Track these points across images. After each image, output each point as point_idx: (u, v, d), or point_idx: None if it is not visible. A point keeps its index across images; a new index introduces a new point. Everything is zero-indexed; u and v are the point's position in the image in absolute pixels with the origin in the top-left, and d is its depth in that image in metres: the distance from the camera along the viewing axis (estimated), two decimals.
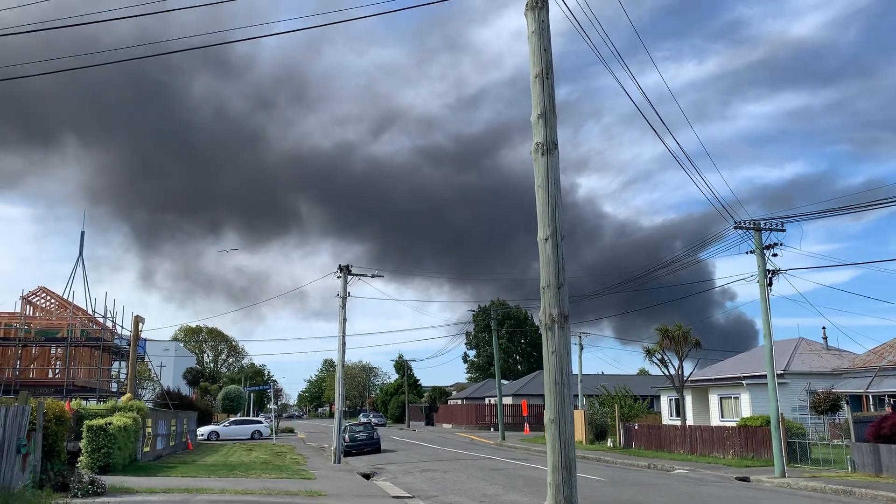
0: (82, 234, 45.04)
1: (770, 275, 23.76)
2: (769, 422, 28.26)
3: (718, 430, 30.04)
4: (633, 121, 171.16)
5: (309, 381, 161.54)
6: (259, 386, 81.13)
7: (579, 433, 42.08)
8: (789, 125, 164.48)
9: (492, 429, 63.54)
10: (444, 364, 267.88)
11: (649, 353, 34.82)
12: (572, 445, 7.92)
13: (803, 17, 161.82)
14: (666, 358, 34.80)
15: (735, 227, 23.70)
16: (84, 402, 27.93)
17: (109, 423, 21.09)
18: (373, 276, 32.08)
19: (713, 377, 42.29)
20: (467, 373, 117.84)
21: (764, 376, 39.45)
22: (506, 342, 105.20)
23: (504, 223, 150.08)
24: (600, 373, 70.04)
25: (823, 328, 52.55)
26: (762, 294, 23.63)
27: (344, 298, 31.13)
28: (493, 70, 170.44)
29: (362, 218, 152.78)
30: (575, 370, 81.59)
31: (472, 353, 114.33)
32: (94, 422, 21.05)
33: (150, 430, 27.72)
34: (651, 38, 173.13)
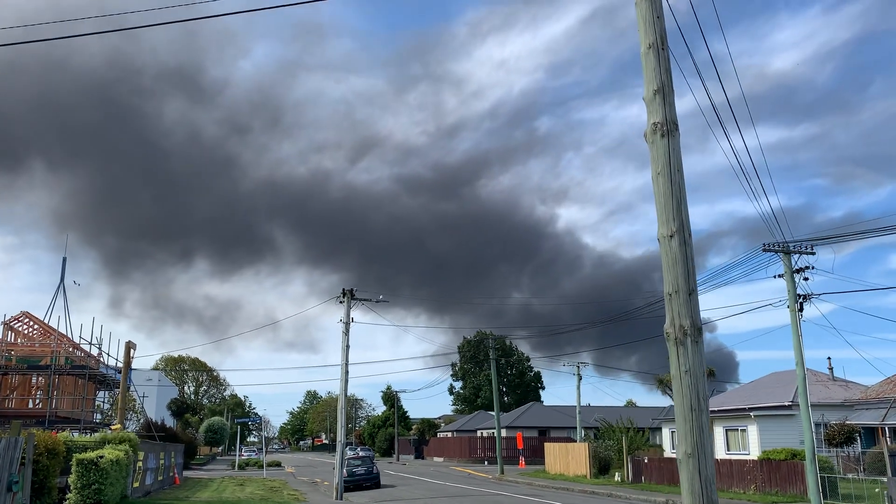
0: (64, 259, 43.53)
1: (801, 299, 22.52)
2: (794, 455, 26.86)
3: (738, 464, 28.55)
4: (615, 152, 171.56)
5: (291, 413, 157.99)
6: (246, 418, 78.34)
7: (582, 467, 40.42)
8: (768, 159, 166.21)
9: (485, 462, 61.56)
10: (429, 397, 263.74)
11: (661, 382, 33.38)
12: (713, 486, 6.39)
13: (781, 54, 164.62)
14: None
15: (764, 250, 22.54)
16: (72, 434, 25.82)
17: (101, 457, 19.13)
18: (377, 302, 30.51)
19: (717, 408, 40.94)
20: (453, 405, 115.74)
21: (773, 407, 38.35)
22: (491, 373, 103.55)
23: (484, 252, 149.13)
24: (587, 404, 68.44)
25: (829, 358, 51.47)
26: (793, 320, 22.37)
27: (347, 324, 29.49)
28: (473, 100, 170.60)
29: (338, 246, 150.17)
30: (572, 402, 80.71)
31: (458, 384, 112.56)
32: (85, 455, 19.09)
33: (140, 464, 25.64)
34: (631, 75, 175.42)
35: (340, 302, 30.43)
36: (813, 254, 22.78)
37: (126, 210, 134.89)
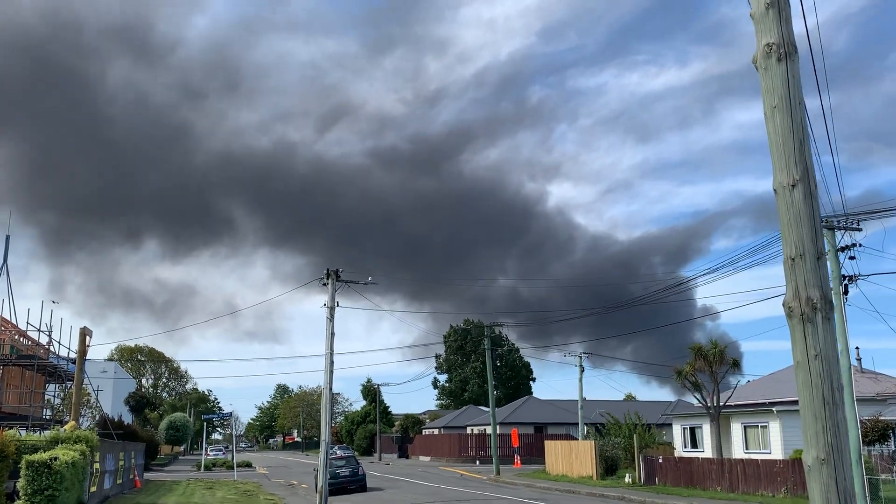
0: (7, 238, 41.68)
1: (846, 281, 21.81)
2: None
3: (766, 465, 28.00)
4: (614, 124, 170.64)
5: (260, 409, 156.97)
6: (212, 413, 77.20)
7: (588, 467, 39.89)
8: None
9: (477, 461, 61.09)
10: (412, 391, 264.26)
11: (680, 374, 32.88)
12: (853, 498, 5.48)
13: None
14: (699, 381, 32.87)
15: None
16: (21, 432, 24.64)
17: (55, 459, 18.03)
18: (366, 284, 29.50)
19: (735, 403, 40.56)
20: (438, 399, 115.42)
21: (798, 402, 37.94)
22: (479, 365, 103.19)
23: (467, 234, 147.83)
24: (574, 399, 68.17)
25: (857, 348, 51.21)
26: (837, 303, 21.62)
27: (332, 309, 28.47)
28: (457, 65, 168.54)
29: (305, 227, 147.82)
30: (565, 395, 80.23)
31: (442, 377, 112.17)
32: (36, 457, 17.98)
33: (97, 465, 24.55)
34: (632, 40, 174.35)
35: (324, 284, 29.40)
36: (860, 230, 22.05)
37: (65, 183, 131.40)
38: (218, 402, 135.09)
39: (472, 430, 69.95)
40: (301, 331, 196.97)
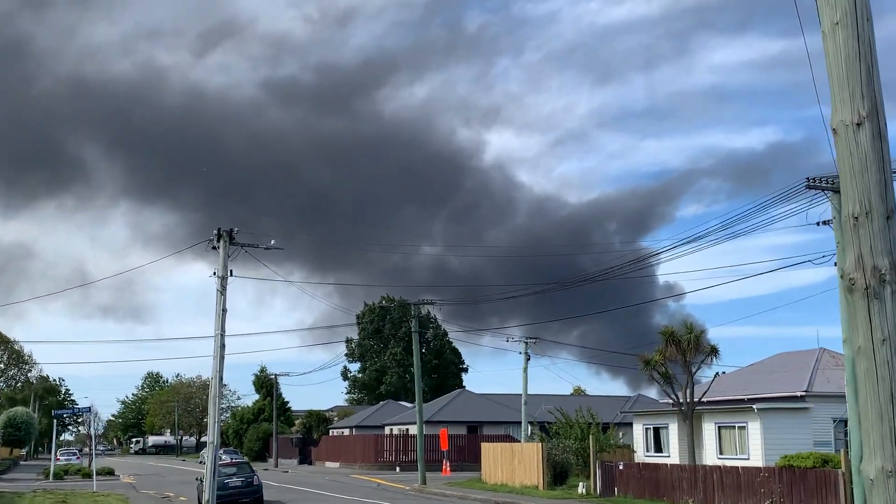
0: None
1: None
2: (826, 461, 27.21)
3: (748, 474, 28.79)
4: (568, 60, 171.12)
5: (124, 403, 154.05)
6: (66, 409, 75.02)
7: (533, 475, 40.43)
8: (757, 78, 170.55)
9: (397, 468, 61.37)
10: (317, 383, 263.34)
11: (647, 364, 33.51)
12: None
13: None
14: (670, 372, 33.57)
15: (809, 187, 22.21)
16: None
17: None
18: (267, 248, 28.93)
19: (707, 399, 41.65)
20: (349, 392, 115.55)
21: (784, 398, 39.22)
22: (400, 351, 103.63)
23: (384, 190, 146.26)
24: (515, 392, 68.96)
25: None
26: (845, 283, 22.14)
27: (224, 279, 27.74)
28: None
29: (178, 176, 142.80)
30: (513, 388, 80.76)
31: (354, 366, 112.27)
32: None
33: None
34: None
35: (213, 247, 28.68)
36: None
37: None
38: (71, 395, 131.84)
39: (392, 430, 70.10)
40: (172, 307, 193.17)
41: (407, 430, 65.96)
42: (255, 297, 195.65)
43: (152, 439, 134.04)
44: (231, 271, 28.25)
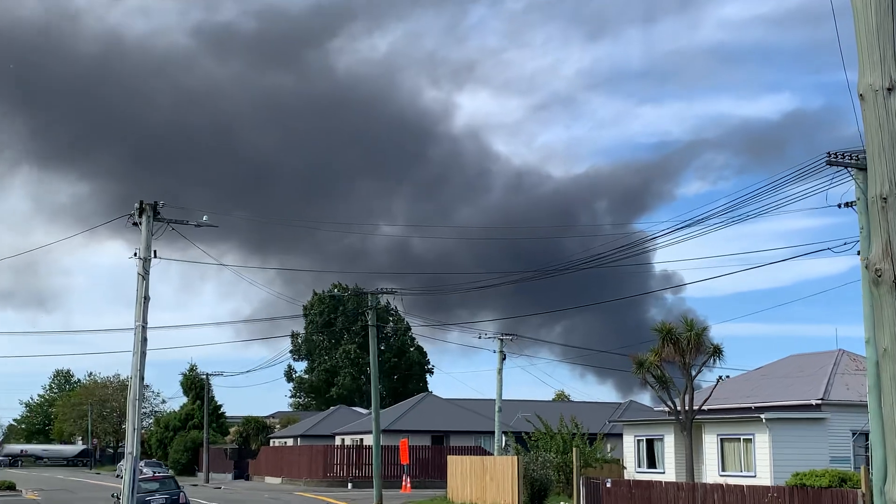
0: None
1: None
2: (843, 480, 27.55)
3: (753, 494, 29.05)
4: (554, 9, 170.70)
5: (28, 405, 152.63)
6: None
7: (507, 493, 40.56)
8: (771, 36, 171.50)
9: (349, 485, 61.47)
10: (256, 385, 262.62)
11: (641, 366, 33.76)
12: None
13: None
14: (667, 375, 33.86)
15: (830, 163, 22.40)
16: None
17: None
18: (199, 226, 28.73)
19: (708, 408, 42.08)
20: (293, 396, 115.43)
21: (796, 407, 39.67)
22: (355, 349, 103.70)
23: (337, 159, 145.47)
24: (488, 397, 69.08)
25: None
26: (867, 273, 22.41)
27: (147, 261, 27.56)
28: None
29: (91, 138, 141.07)
30: (485, 392, 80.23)
31: (300, 365, 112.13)
32: None
33: None
34: None
35: (135, 224, 28.46)
36: None
37: None
38: None
39: (344, 440, 70.05)
40: (85, 293, 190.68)
41: (361, 440, 65.93)
42: (183, 283, 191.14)
43: (7, 448, 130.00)
44: (155, 252, 28.07)
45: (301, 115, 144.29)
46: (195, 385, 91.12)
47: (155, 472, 44.53)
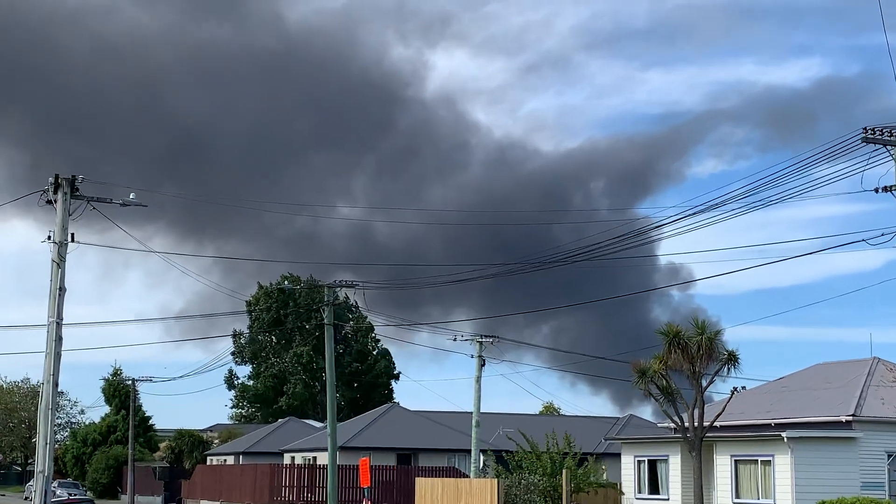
0: None
1: None
2: None
3: None
4: None
5: None
6: None
7: None
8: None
9: None
10: (191, 393, 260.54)
11: (644, 374, 33.92)
12: None
13: None
14: (674, 386, 34.02)
15: (866, 140, 22.55)
16: None
17: None
18: (125, 205, 28.65)
19: (721, 424, 42.35)
20: (236, 407, 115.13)
21: (823, 424, 39.93)
22: (309, 352, 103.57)
23: (287, 127, 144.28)
24: (464, 409, 69.03)
25: None
26: None
27: (63, 245, 27.54)
28: None
29: None
30: (461, 404, 79.85)
31: (244, 371, 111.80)
32: None
33: None
34: None
35: (49, 201, 28.40)
36: None
37: None
38: None
39: (294, 458, 69.92)
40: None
41: (315, 458, 65.85)
42: (103, 271, 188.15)
43: None
44: (72, 235, 27.98)
45: (244, 74, 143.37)
46: (119, 392, 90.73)
47: (71, 495, 44.45)
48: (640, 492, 44.84)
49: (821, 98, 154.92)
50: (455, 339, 53.34)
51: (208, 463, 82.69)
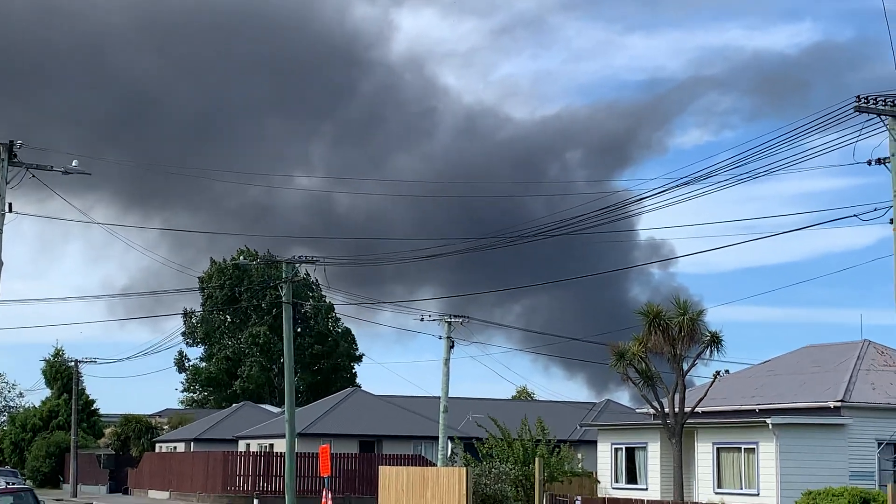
0: None
1: None
2: (867, 500, 28.07)
3: None
4: None
5: None
6: None
7: None
8: None
9: (255, 500, 61.21)
10: (139, 376, 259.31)
11: (622, 357, 33.99)
12: None
13: None
14: (653, 369, 34.12)
15: (858, 109, 22.60)
16: None
17: None
18: (67, 172, 28.45)
19: (702, 410, 42.56)
20: (186, 390, 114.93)
21: (810, 410, 40.17)
22: (265, 331, 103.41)
23: (241, 90, 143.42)
24: (430, 394, 68.86)
25: None
26: None
27: (0, 214, 27.27)
28: None
29: None
30: (428, 388, 79.64)
31: (195, 352, 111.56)
32: None
33: None
34: None
35: None
36: None
37: None
38: None
39: (249, 445, 69.98)
40: None
41: (271, 445, 65.88)
42: (42, 244, 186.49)
43: None
44: (10, 205, 27.79)
45: (193, 33, 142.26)
46: (61, 375, 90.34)
47: (8, 484, 44.05)
48: (616, 481, 44.98)
49: (811, 65, 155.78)
50: (422, 319, 53.32)
51: (157, 450, 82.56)
